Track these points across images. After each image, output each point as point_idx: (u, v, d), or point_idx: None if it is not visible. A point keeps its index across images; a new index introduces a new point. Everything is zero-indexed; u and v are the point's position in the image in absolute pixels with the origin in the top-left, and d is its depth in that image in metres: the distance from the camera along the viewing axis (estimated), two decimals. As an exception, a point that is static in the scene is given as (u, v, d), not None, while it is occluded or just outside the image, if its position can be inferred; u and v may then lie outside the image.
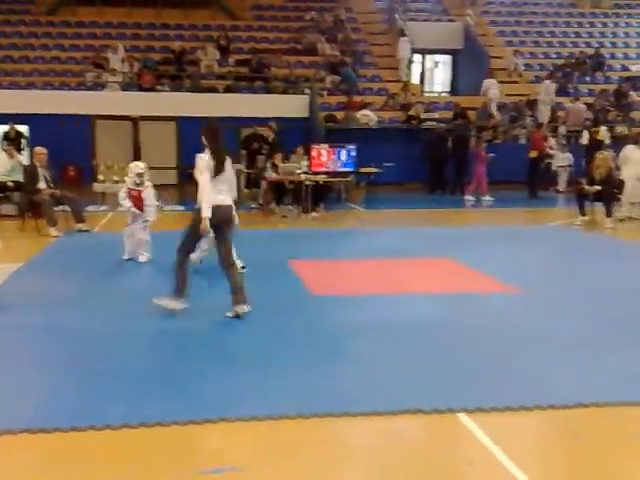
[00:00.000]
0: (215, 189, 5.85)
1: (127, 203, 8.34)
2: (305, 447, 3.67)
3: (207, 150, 5.94)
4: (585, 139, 16.58)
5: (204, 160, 5.85)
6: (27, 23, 20.80)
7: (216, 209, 5.79)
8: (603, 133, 16.44)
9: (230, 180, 6.19)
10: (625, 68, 21.90)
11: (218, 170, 5.90)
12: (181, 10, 21.89)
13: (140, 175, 8.36)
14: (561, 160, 16.87)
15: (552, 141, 16.97)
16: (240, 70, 19.30)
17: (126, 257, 8.32)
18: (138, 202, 8.36)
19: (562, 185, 16.84)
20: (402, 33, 20.89)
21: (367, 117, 17.31)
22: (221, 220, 5.93)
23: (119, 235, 9.01)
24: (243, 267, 7.23)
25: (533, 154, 16.03)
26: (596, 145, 15.66)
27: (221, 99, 17.63)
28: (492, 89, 18.93)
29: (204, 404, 4.08)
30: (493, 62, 20.98)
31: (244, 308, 5.90)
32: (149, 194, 8.46)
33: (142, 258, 8.30)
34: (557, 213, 13.87)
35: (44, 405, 4.10)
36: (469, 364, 4.81)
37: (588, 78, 21.22)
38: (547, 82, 19.03)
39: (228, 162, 6.09)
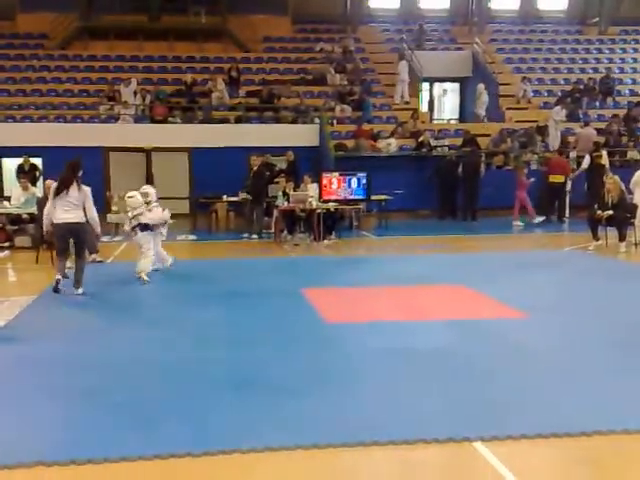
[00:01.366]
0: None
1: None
2: (321, 478, 3.63)
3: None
4: (586, 163, 16.60)
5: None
6: (40, 57, 21.18)
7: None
8: (605, 157, 16.45)
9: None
10: (634, 93, 21.95)
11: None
12: (193, 43, 22.26)
13: (145, 195, 8.86)
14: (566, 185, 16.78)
15: None
16: (250, 101, 19.53)
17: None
18: None
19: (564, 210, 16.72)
20: (401, 57, 21.17)
21: (390, 145, 17.46)
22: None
23: (133, 265, 9.07)
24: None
25: (559, 178, 15.95)
26: (597, 169, 15.70)
27: (232, 129, 17.84)
28: (484, 94, 19.86)
29: (218, 434, 4.06)
30: (502, 89, 21.11)
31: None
32: (156, 212, 9.02)
33: (168, 263, 9.40)
34: (570, 238, 13.82)
35: (58, 437, 4.10)
36: (484, 391, 4.77)
37: (597, 103, 21.29)
38: (557, 108, 19.09)
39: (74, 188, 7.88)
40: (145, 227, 9.00)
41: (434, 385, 4.91)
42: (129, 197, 9.06)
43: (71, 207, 7.91)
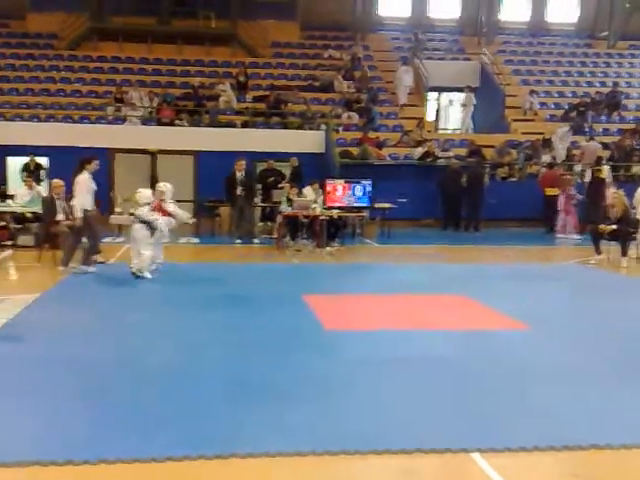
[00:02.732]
0: None
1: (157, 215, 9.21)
2: (316, 485, 3.63)
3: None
4: (587, 177, 16.64)
5: None
6: (50, 57, 21.29)
7: None
8: (606, 172, 16.45)
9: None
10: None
11: None
12: (202, 47, 22.35)
13: (161, 192, 9.34)
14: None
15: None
16: (257, 106, 19.59)
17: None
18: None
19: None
20: (404, 62, 21.29)
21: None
22: None
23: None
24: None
25: (553, 191, 16.11)
26: (598, 183, 15.73)
27: (238, 134, 17.89)
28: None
29: (215, 439, 4.06)
30: (508, 100, 21.15)
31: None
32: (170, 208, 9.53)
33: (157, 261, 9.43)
34: (572, 251, 13.80)
35: (55, 437, 4.09)
36: (482, 402, 4.76)
37: (603, 117, 21.30)
38: (564, 129, 19.02)
39: None
40: (144, 222, 9.09)
41: (433, 395, 4.90)
42: (138, 193, 9.32)
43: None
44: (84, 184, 9.58)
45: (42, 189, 13.67)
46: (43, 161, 16.43)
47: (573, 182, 16.30)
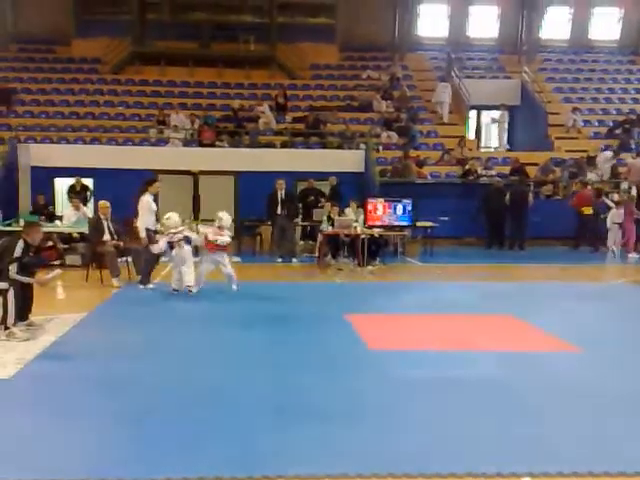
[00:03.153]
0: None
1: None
2: (368, 508, 3.54)
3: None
4: (634, 193, 16.32)
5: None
6: (94, 81, 21.79)
7: None
8: None
9: None
10: (688, 123, 21.44)
11: None
12: (241, 70, 22.63)
13: (219, 219, 9.81)
14: (617, 217, 16.42)
15: (615, 196, 16.76)
16: (297, 126, 19.70)
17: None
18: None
19: (612, 242, 16.36)
20: (442, 79, 21.27)
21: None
22: None
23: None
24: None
25: (587, 210, 16.20)
26: None
27: (278, 154, 17.99)
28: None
29: (262, 460, 4.00)
30: (551, 118, 20.89)
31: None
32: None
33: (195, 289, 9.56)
34: (620, 270, 13.46)
35: (96, 456, 4.09)
36: (532, 426, 4.62)
37: (650, 134, 20.87)
38: (607, 152, 18.69)
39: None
40: (188, 241, 9.61)
41: (481, 418, 4.77)
42: (166, 218, 9.75)
43: None
44: (147, 205, 10.10)
45: (88, 210, 13.91)
46: (89, 182, 16.74)
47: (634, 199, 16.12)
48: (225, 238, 9.77)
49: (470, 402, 5.10)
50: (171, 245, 9.59)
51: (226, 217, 9.97)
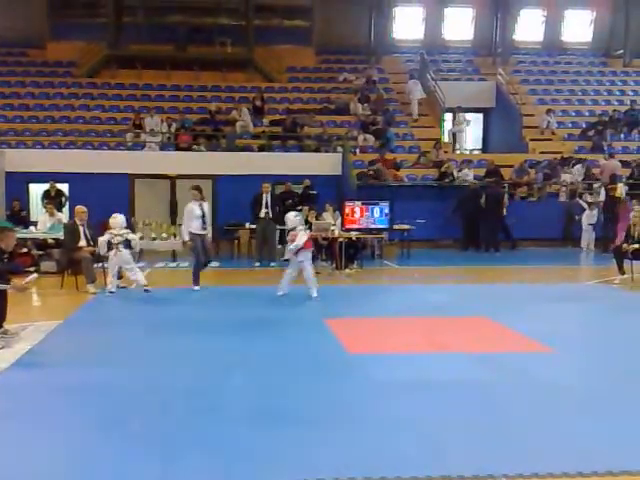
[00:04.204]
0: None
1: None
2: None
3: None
4: (602, 196, 16.55)
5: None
6: (69, 85, 21.62)
7: None
8: (621, 190, 16.34)
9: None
10: (659, 125, 21.82)
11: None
12: (218, 72, 22.59)
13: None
14: (591, 218, 16.67)
15: (588, 198, 17.01)
16: (274, 130, 19.71)
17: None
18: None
19: (586, 243, 16.59)
20: (411, 76, 21.52)
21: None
22: None
23: (156, 291, 9.12)
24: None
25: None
26: (612, 202, 15.63)
27: (255, 158, 17.99)
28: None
29: (239, 467, 4.01)
30: (526, 120, 21.12)
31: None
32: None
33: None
34: (595, 271, 13.66)
35: (69, 468, 4.06)
36: (509, 428, 4.68)
37: (622, 135, 21.19)
38: (578, 167, 18.79)
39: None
40: (127, 245, 9.99)
41: (457, 420, 4.82)
42: (112, 218, 10.07)
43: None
44: (190, 212, 10.52)
45: (63, 216, 13.77)
46: (64, 187, 16.59)
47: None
48: (297, 242, 9.59)
49: (446, 404, 5.16)
50: (110, 246, 9.80)
51: (291, 218, 9.90)
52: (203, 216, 10.57)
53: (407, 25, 25.44)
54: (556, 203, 17.85)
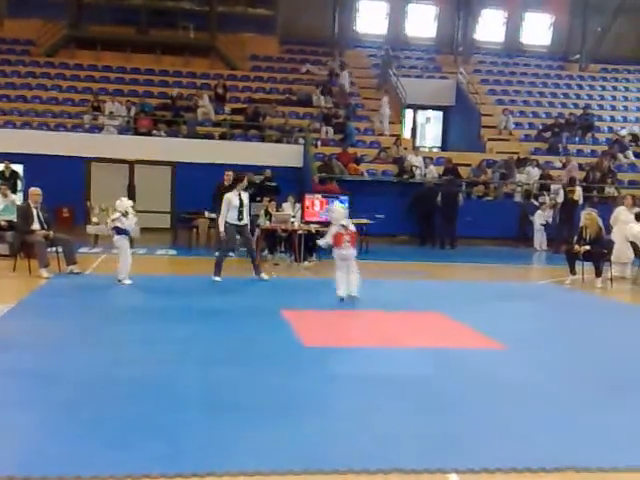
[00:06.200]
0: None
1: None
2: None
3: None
4: (560, 198, 16.92)
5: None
6: (26, 63, 21.09)
7: None
8: (578, 193, 16.74)
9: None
10: (611, 130, 22.41)
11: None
12: (180, 57, 22.32)
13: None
14: (542, 218, 17.05)
15: (546, 199, 17.40)
16: (235, 118, 19.58)
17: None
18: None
19: (539, 243, 16.97)
20: (385, 91, 21.43)
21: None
22: None
23: (110, 278, 9.02)
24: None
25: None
26: (570, 204, 16.00)
27: (216, 146, 17.87)
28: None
29: (192, 456, 4.00)
30: (484, 120, 21.43)
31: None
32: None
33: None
34: (546, 271, 13.97)
35: (28, 452, 4.01)
36: (459, 422, 4.77)
37: (577, 138, 21.69)
38: (530, 168, 19.00)
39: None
40: (118, 231, 9.47)
41: (408, 414, 4.90)
42: (118, 201, 9.63)
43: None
44: (226, 201, 10.34)
45: (17, 197, 13.45)
46: (19, 168, 16.20)
47: None
48: (327, 238, 9.15)
49: (398, 398, 5.23)
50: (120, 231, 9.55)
51: (340, 210, 9.54)
52: (241, 206, 10.38)
53: (371, 19, 25.52)
54: (511, 203, 18.20)
